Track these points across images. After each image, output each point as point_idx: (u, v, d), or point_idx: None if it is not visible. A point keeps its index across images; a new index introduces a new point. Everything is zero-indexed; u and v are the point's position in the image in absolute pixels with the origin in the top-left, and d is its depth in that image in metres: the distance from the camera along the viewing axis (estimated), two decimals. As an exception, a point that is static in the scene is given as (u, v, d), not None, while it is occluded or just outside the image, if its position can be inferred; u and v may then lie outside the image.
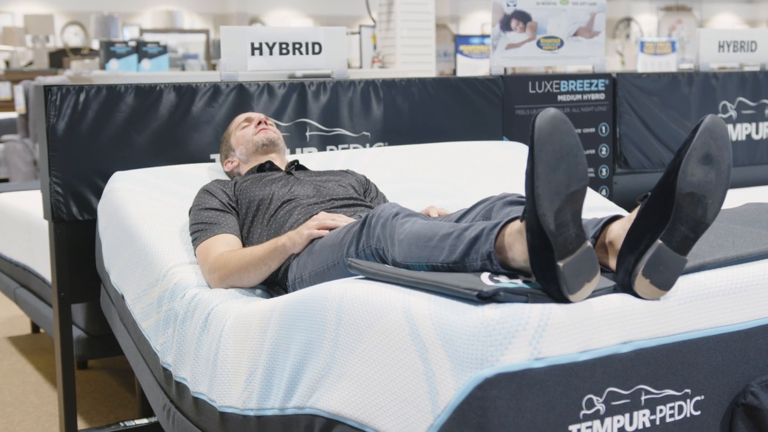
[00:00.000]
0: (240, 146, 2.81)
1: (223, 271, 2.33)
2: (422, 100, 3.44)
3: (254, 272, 2.33)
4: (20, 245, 3.81)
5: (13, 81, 9.23)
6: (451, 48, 10.12)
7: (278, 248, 2.31)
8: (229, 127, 2.91)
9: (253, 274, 2.34)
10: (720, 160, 1.62)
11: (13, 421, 3.38)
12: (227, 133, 2.90)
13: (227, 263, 2.34)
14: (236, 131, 2.85)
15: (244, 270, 2.33)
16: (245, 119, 2.86)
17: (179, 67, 9.49)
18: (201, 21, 17.48)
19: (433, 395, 1.51)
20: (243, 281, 2.34)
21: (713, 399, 1.68)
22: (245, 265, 2.33)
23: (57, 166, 2.84)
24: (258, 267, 2.33)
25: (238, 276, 2.33)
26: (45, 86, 2.82)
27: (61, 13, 16.34)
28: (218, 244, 2.42)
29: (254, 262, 2.33)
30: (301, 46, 3.24)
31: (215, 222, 2.48)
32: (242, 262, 2.34)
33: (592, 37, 3.82)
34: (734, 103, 4.17)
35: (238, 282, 2.34)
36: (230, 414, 2.00)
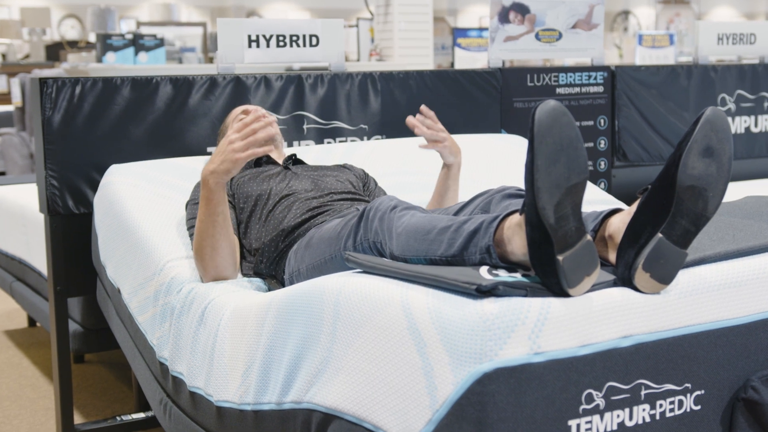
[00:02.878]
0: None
1: (200, 259, 2.28)
2: (420, 93, 3.42)
3: (218, 230, 2.23)
4: (16, 239, 3.80)
5: (10, 74, 9.21)
6: (448, 41, 10.11)
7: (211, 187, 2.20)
8: (226, 119, 2.89)
9: (219, 233, 2.23)
10: (721, 152, 1.61)
11: (9, 415, 3.37)
12: (224, 125, 2.88)
13: (196, 250, 2.28)
14: (233, 124, 2.81)
15: (208, 238, 2.23)
16: (242, 111, 2.84)
17: (177, 60, 9.47)
18: (198, 14, 17.45)
19: (431, 390, 1.49)
20: (218, 248, 2.25)
21: (714, 393, 1.67)
22: (203, 234, 2.25)
23: (53, 159, 2.82)
24: (214, 221, 2.23)
25: (210, 248, 2.24)
26: (40, 79, 2.80)
27: (57, 5, 16.30)
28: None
29: (206, 221, 2.23)
30: (298, 38, 3.23)
31: None
32: (200, 235, 2.25)
33: (590, 30, 3.80)
34: (733, 95, 4.16)
35: (209, 253, 2.25)
36: (227, 408, 1.99)
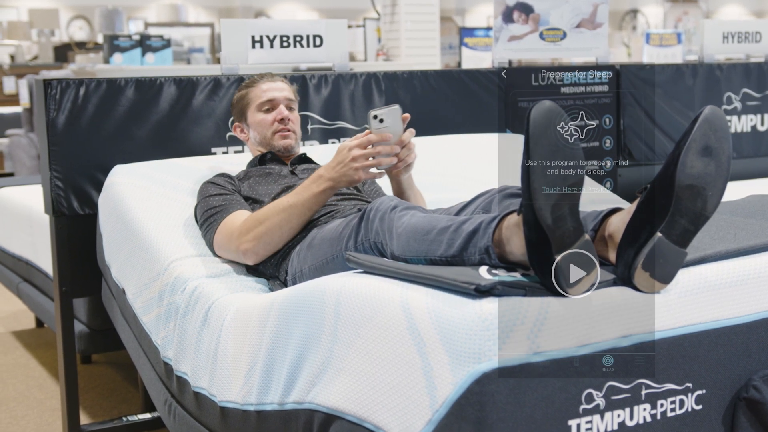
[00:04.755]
0: (255, 130, 2.72)
1: (259, 227, 2.31)
2: (424, 92, 3.42)
3: (295, 218, 2.30)
4: (23, 240, 3.81)
5: (18, 75, 9.23)
6: (456, 41, 10.10)
7: (325, 191, 2.29)
8: (249, 93, 2.73)
9: (295, 221, 2.31)
10: (720, 151, 1.60)
11: (16, 415, 3.38)
12: (247, 98, 2.73)
13: (260, 217, 2.32)
14: (256, 111, 2.71)
15: (283, 216, 2.30)
16: (269, 102, 2.70)
17: (185, 61, 9.48)
18: (206, 14, 17.47)
19: (431, 390, 1.50)
20: (283, 232, 2.31)
21: (715, 393, 1.66)
22: (282, 210, 2.31)
23: (57, 161, 2.83)
24: (301, 213, 2.31)
25: (277, 225, 2.30)
26: (45, 80, 2.81)
27: (66, 7, 16.33)
28: (239, 216, 2.40)
29: (296, 207, 2.30)
30: (302, 38, 3.23)
31: (228, 203, 2.46)
32: (279, 209, 2.31)
33: (595, 29, 3.80)
34: (739, 94, 4.15)
35: (276, 234, 2.31)
36: (230, 409, 2.00)
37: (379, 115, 2.23)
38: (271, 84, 2.73)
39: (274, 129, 2.69)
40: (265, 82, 2.73)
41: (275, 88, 2.72)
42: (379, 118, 2.23)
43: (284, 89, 2.73)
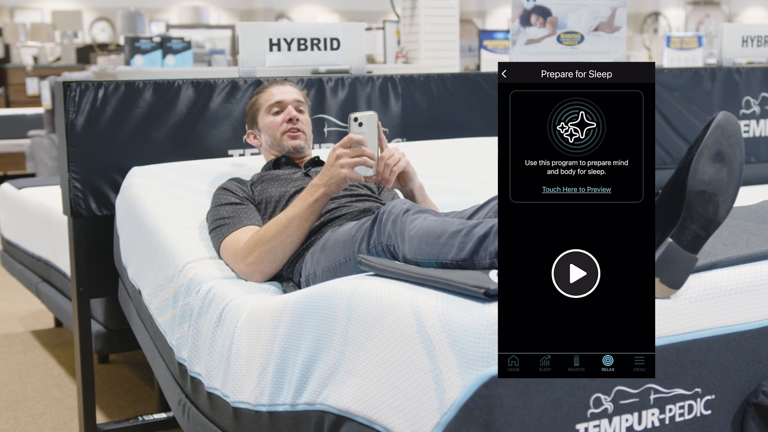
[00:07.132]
0: (266, 134, 2.74)
1: (261, 247, 2.33)
2: (441, 95, 3.43)
3: (296, 232, 2.32)
4: (42, 240, 3.84)
5: (41, 77, 9.31)
6: (475, 43, 10.08)
7: (319, 199, 2.31)
8: (259, 98, 2.78)
9: (295, 235, 2.33)
10: (732, 157, 1.60)
11: (34, 414, 3.41)
12: (257, 103, 2.77)
13: (262, 237, 2.33)
14: (265, 114, 2.75)
15: (284, 233, 2.32)
16: (277, 103, 2.73)
17: (206, 63, 9.51)
18: (227, 16, 17.53)
19: (439, 393, 1.50)
20: (285, 248, 2.33)
21: (724, 398, 1.66)
22: (283, 228, 2.32)
23: (76, 162, 2.85)
24: (300, 225, 2.32)
25: (279, 243, 2.32)
26: (64, 82, 2.84)
27: (89, 9, 16.43)
28: (244, 233, 2.41)
29: (295, 220, 2.32)
30: (319, 41, 3.24)
31: (236, 215, 2.47)
32: (279, 226, 2.33)
33: (613, 33, 3.79)
34: (758, 98, 4.12)
35: (280, 252, 2.33)
36: (243, 409, 2.01)
37: (359, 118, 2.30)
38: (280, 87, 2.77)
39: (283, 129, 2.71)
40: (274, 86, 2.78)
41: (284, 91, 2.76)
42: (358, 121, 2.30)
43: (293, 92, 2.77)
